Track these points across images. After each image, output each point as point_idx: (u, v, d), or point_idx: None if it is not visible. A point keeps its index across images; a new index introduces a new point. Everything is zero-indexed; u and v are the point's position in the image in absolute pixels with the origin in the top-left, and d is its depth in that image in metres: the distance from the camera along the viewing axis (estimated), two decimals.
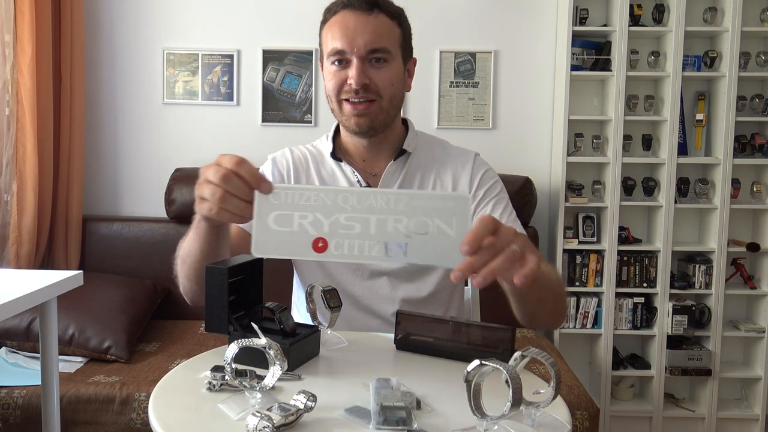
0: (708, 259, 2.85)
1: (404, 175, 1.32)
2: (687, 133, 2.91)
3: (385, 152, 1.33)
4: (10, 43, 2.46)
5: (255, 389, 0.82)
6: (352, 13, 1.23)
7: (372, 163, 1.34)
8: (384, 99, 1.25)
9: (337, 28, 1.23)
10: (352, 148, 1.35)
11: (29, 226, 2.55)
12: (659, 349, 2.84)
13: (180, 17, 2.98)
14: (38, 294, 1.59)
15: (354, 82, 1.21)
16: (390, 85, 1.25)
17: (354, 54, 1.22)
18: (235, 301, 1.02)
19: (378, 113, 1.26)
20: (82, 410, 2.02)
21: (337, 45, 1.22)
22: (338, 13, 1.25)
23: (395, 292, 1.31)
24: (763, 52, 2.82)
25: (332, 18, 1.25)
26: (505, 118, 3.00)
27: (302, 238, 0.84)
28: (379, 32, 1.23)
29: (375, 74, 1.23)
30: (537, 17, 2.97)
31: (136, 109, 3.01)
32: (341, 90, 1.24)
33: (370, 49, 1.22)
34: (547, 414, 0.82)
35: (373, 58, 1.23)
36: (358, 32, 1.21)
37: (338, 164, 1.34)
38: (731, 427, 2.93)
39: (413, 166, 1.34)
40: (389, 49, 1.24)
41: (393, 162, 1.32)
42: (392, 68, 1.25)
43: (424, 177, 1.34)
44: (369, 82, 1.22)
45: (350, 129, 1.28)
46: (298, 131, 2.99)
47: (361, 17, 1.22)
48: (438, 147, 1.39)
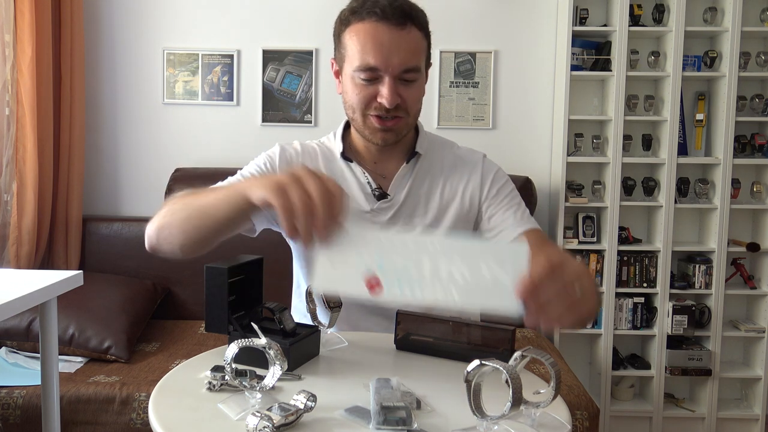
0: (708, 259, 2.85)
1: (413, 178, 1.31)
2: (687, 133, 2.91)
3: (397, 154, 1.32)
4: (10, 43, 2.46)
5: (255, 389, 0.82)
6: (386, 26, 1.17)
7: (383, 165, 1.33)
8: (411, 115, 1.25)
9: (369, 42, 1.18)
10: (364, 150, 1.33)
11: (29, 226, 2.55)
12: (659, 349, 2.84)
13: (180, 17, 2.97)
14: (38, 294, 1.59)
15: (387, 102, 1.18)
16: (417, 101, 1.25)
17: (387, 73, 1.18)
18: (235, 301, 1.02)
19: (403, 128, 1.26)
20: (82, 410, 2.02)
21: (370, 61, 1.18)
22: (368, 21, 1.18)
23: None
24: (763, 52, 2.82)
25: (360, 25, 1.19)
26: (505, 118, 3.00)
27: (357, 277, 0.85)
28: (413, 50, 1.20)
29: (405, 92, 1.21)
30: (537, 17, 2.97)
31: (136, 109, 3.01)
32: (369, 105, 1.22)
33: (404, 68, 1.19)
34: (547, 414, 0.82)
35: (405, 77, 1.20)
36: (393, 50, 1.17)
37: (348, 164, 1.32)
38: (731, 427, 2.93)
39: (422, 170, 1.33)
40: (420, 67, 1.22)
41: (405, 164, 1.31)
42: (420, 85, 1.24)
43: (434, 181, 1.32)
44: (400, 101, 1.20)
45: (374, 142, 1.26)
46: (298, 131, 2.99)
47: (395, 33, 1.17)
48: (447, 149, 1.38)
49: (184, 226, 1.05)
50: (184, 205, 1.07)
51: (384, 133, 1.24)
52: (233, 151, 2.99)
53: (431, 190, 1.32)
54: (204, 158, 2.98)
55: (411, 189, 1.31)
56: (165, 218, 1.09)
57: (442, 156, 1.36)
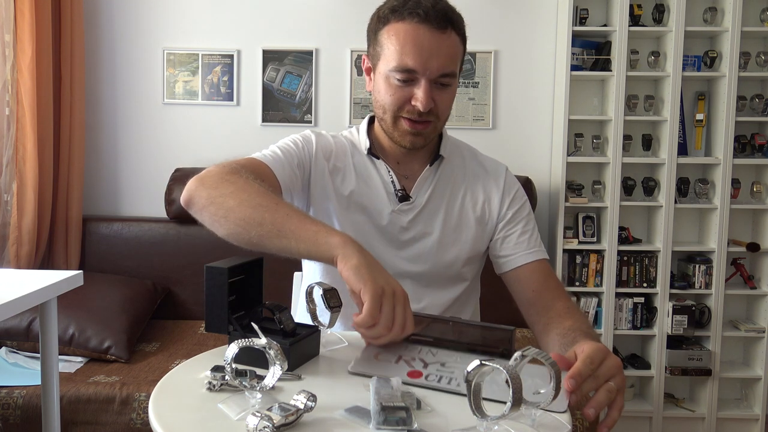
0: (708, 259, 2.85)
1: (436, 182, 1.31)
2: (687, 133, 2.91)
3: (420, 156, 1.32)
4: (10, 43, 2.46)
5: (255, 389, 0.82)
6: (427, 29, 1.16)
7: (406, 166, 1.32)
8: (441, 121, 1.24)
9: (409, 43, 1.16)
10: (389, 149, 1.32)
11: (29, 226, 2.55)
12: (659, 349, 2.84)
13: (180, 17, 2.98)
14: (38, 294, 1.59)
15: (422, 106, 1.18)
16: (449, 107, 1.24)
17: (424, 76, 1.17)
18: (235, 301, 1.02)
19: (432, 132, 1.25)
20: (82, 410, 2.02)
21: (409, 63, 1.16)
22: (409, 22, 1.17)
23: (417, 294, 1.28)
24: (763, 52, 2.82)
25: (400, 25, 1.18)
26: (505, 118, 3.00)
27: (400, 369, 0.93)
28: (451, 55, 1.19)
29: (440, 97, 1.20)
30: (537, 17, 2.97)
31: (136, 109, 3.01)
32: (402, 108, 1.21)
33: (441, 73, 1.18)
34: (547, 414, 0.82)
35: (441, 82, 1.19)
36: (433, 54, 1.16)
37: (374, 161, 1.31)
38: (731, 427, 2.93)
39: (445, 174, 1.32)
40: (456, 73, 1.22)
41: (429, 167, 1.31)
42: (453, 90, 1.24)
43: (456, 187, 1.32)
44: (433, 106, 1.20)
45: (402, 144, 1.26)
46: (298, 131, 2.98)
47: (436, 36, 1.16)
48: (468, 154, 1.38)
49: (250, 227, 1.02)
50: (257, 206, 1.03)
51: (414, 137, 1.23)
52: (233, 151, 2.96)
53: (453, 195, 1.31)
54: (204, 158, 2.98)
55: (433, 192, 1.30)
56: (224, 199, 1.05)
57: (465, 162, 1.36)
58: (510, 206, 1.32)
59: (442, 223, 1.29)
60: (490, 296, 1.37)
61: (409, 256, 1.29)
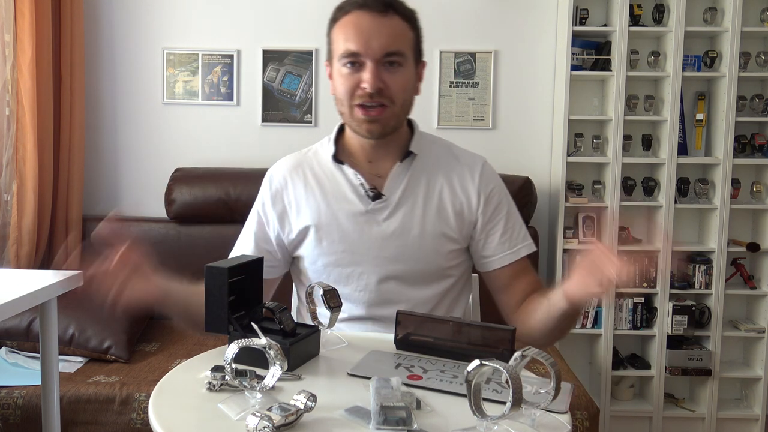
0: (708, 259, 2.85)
1: (409, 177, 1.31)
2: (687, 133, 2.91)
3: (391, 153, 1.32)
4: (10, 43, 2.46)
5: (255, 389, 0.82)
6: (366, 13, 1.19)
7: (378, 164, 1.32)
8: (396, 105, 1.23)
9: (350, 29, 1.20)
10: (358, 149, 1.32)
11: (29, 226, 2.55)
12: (659, 349, 2.84)
13: (180, 17, 2.97)
14: (38, 294, 1.59)
15: (369, 86, 1.18)
16: (403, 90, 1.24)
17: (368, 57, 1.18)
18: (235, 301, 1.02)
19: (390, 119, 1.24)
20: (82, 410, 2.02)
21: (351, 46, 1.19)
22: (351, 12, 1.21)
23: (404, 295, 1.29)
24: (763, 52, 2.82)
25: (344, 18, 1.22)
26: (505, 118, 3.00)
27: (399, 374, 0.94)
28: (394, 34, 1.20)
29: (389, 78, 1.20)
30: (537, 17, 2.97)
31: (136, 109, 3.01)
32: (354, 94, 1.21)
33: (385, 52, 1.19)
34: (547, 414, 0.82)
35: (388, 61, 1.20)
36: (374, 34, 1.18)
37: (339, 167, 1.32)
38: (731, 427, 2.92)
39: (418, 169, 1.32)
40: (404, 53, 1.22)
41: (400, 163, 1.31)
42: (406, 72, 1.23)
43: (430, 180, 1.32)
44: (383, 87, 1.20)
45: (361, 134, 1.26)
46: (298, 131, 2.99)
47: (376, 18, 1.19)
48: (443, 149, 1.37)
49: None
50: None
51: (369, 124, 1.23)
52: (233, 151, 2.99)
53: (430, 190, 1.31)
54: (204, 158, 2.98)
55: (407, 188, 1.30)
56: None
57: (439, 155, 1.35)
58: (487, 203, 1.32)
59: (420, 218, 1.29)
60: (490, 296, 1.37)
61: (390, 255, 1.28)
